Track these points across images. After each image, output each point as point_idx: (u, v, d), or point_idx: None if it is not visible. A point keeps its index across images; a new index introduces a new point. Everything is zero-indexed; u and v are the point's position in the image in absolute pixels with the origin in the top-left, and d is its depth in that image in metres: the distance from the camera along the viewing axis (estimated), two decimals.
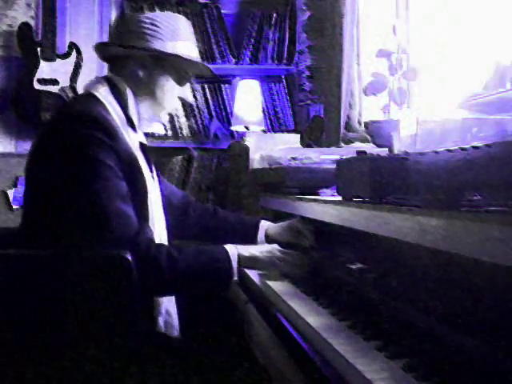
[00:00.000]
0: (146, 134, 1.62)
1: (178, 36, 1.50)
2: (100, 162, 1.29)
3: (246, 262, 1.41)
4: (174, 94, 1.54)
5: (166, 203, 1.61)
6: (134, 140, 1.46)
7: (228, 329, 1.48)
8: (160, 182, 1.66)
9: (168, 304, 1.43)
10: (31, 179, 1.39)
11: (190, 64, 1.54)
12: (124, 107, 1.46)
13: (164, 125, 1.70)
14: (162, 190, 1.61)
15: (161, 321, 1.41)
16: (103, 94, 1.44)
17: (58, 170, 1.31)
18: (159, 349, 1.30)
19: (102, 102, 1.41)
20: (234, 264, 1.38)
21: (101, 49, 1.56)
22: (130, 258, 1.18)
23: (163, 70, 1.50)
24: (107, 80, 1.49)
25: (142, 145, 1.51)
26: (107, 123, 1.35)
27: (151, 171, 1.54)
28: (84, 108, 1.38)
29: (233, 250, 1.40)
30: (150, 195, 1.42)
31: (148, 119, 1.53)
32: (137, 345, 1.19)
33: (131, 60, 1.49)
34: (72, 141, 1.32)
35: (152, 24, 1.48)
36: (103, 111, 1.38)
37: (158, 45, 1.48)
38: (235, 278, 1.40)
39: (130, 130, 1.46)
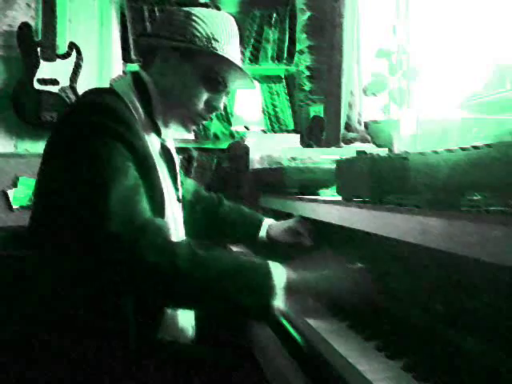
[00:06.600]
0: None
1: (212, 33, 1.34)
2: (108, 147, 1.13)
3: (296, 285, 1.07)
4: (201, 99, 1.36)
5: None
6: (154, 144, 1.31)
7: (228, 329, 1.48)
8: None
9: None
10: (42, 172, 1.22)
11: (221, 65, 1.35)
12: (147, 106, 1.31)
13: (195, 131, 1.53)
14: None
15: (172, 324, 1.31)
16: (125, 89, 1.30)
17: (65, 157, 1.15)
18: (158, 349, 1.29)
19: (120, 97, 1.27)
20: (280, 283, 1.05)
21: (137, 42, 1.45)
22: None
23: (191, 67, 1.34)
24: (133, 74, 1.38)
25: (167, 153, 1.36)
26: (122, 113, 1.20)
27: (176, 188, 1.39)
28: (97, 98, 1.23)
29: (277, 267, 1.08)
30: (166, 205, 1.25)
31: (173, 126, 1.37)
32: (136, 345, 1.19)
33: (158, 53, 1.35)
34: (80, 128, 1.16)
35: (186, 17, 1.34)
36: (120, 104, 1.24)
37: (186, 38, 1.33)
38: (279, 304, 1.05)
39: (152, 133, 1.32)
